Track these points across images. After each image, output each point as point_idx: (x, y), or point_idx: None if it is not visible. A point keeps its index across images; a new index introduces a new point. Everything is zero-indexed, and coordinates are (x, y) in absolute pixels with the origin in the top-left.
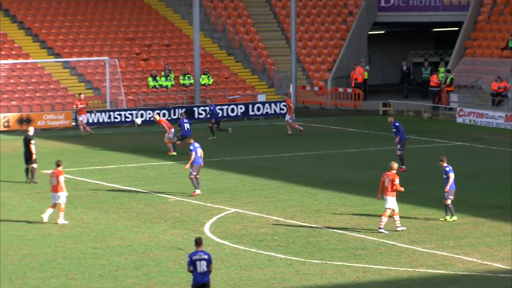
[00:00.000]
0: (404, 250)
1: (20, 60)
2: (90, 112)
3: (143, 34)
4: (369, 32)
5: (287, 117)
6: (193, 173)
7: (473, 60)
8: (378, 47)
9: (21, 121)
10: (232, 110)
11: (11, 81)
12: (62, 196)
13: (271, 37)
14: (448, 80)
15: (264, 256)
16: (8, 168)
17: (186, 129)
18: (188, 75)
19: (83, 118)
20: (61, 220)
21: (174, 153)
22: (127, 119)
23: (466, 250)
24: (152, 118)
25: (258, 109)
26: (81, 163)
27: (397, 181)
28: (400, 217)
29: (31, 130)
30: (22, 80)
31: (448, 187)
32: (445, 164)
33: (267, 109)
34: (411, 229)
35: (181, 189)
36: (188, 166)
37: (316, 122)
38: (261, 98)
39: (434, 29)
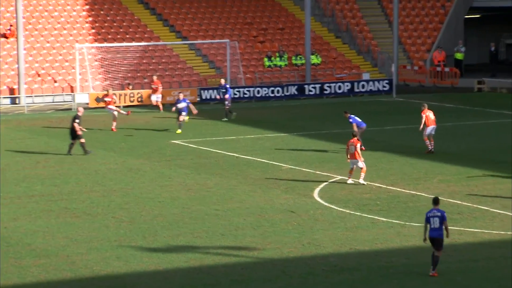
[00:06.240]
0: (497, 215)
1: (152, 43)
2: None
3: (260, 19)
4: (466, 16)
5: (153, 96)
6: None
7: None
8: (474, 30)
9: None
10: (339, 87)
11: (144, 61)
12: (361, 162)
13: (375, 21)
14: None
15: (368, 219)
16: (142, 138)
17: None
18: (300, 56)
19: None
20: (361, 180)
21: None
22: (245, 95)
23: None
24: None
25: (363, 86)
26: (204, 134)
27: None
28: (493, 184)
29: (81, 111)
30: (153, 61)
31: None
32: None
33: (371, 86)
34: (503, 195)
35: (293, 158)
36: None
37: (415, 98)
38: (366, 76)
39: None
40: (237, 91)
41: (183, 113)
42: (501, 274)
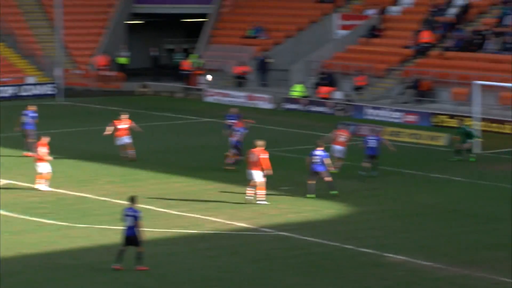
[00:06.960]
0: (160, 213)
1: None
2: None
3: None
4: (129, 22)
5: None
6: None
7: (218, 47)
8: (138, 35)
9: None
10: (3, 91)
11: None
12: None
13: (38, 25)
14: (197, 64)
15: (35, 222)
16: None
17: None
18: None
19: None
20: (40, 186)
21: None
22: None
23: (214, 212)
24: None
25: (28, 90)
26: None
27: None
28: (158, 184)
29: None
30: None
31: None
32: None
33: (36, 90)
34: (169, 194)
35: None
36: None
37: (82, 102)
38: (30, 80)
39: (186, 20)
40: None
41: None
42: (165, 270)
